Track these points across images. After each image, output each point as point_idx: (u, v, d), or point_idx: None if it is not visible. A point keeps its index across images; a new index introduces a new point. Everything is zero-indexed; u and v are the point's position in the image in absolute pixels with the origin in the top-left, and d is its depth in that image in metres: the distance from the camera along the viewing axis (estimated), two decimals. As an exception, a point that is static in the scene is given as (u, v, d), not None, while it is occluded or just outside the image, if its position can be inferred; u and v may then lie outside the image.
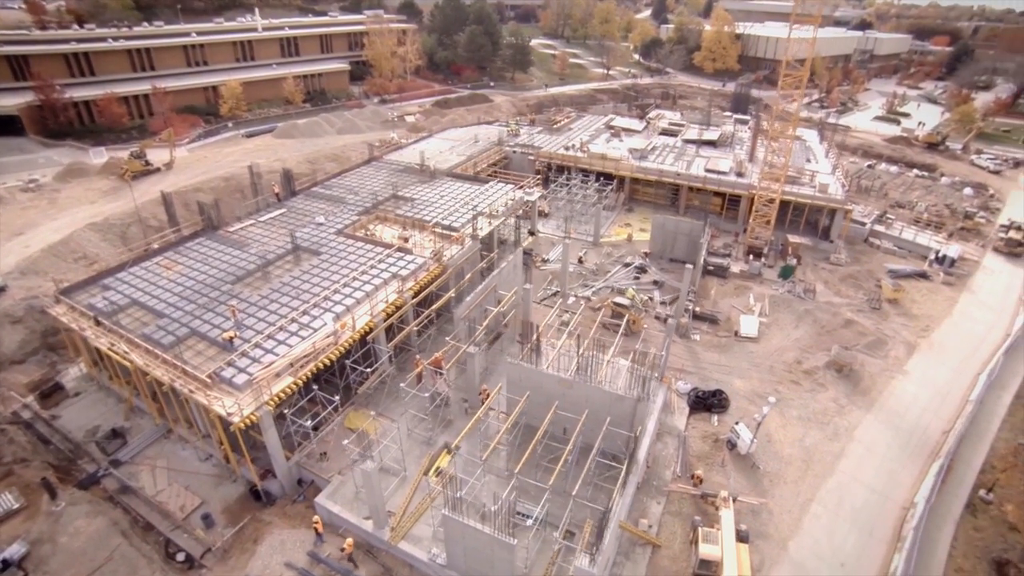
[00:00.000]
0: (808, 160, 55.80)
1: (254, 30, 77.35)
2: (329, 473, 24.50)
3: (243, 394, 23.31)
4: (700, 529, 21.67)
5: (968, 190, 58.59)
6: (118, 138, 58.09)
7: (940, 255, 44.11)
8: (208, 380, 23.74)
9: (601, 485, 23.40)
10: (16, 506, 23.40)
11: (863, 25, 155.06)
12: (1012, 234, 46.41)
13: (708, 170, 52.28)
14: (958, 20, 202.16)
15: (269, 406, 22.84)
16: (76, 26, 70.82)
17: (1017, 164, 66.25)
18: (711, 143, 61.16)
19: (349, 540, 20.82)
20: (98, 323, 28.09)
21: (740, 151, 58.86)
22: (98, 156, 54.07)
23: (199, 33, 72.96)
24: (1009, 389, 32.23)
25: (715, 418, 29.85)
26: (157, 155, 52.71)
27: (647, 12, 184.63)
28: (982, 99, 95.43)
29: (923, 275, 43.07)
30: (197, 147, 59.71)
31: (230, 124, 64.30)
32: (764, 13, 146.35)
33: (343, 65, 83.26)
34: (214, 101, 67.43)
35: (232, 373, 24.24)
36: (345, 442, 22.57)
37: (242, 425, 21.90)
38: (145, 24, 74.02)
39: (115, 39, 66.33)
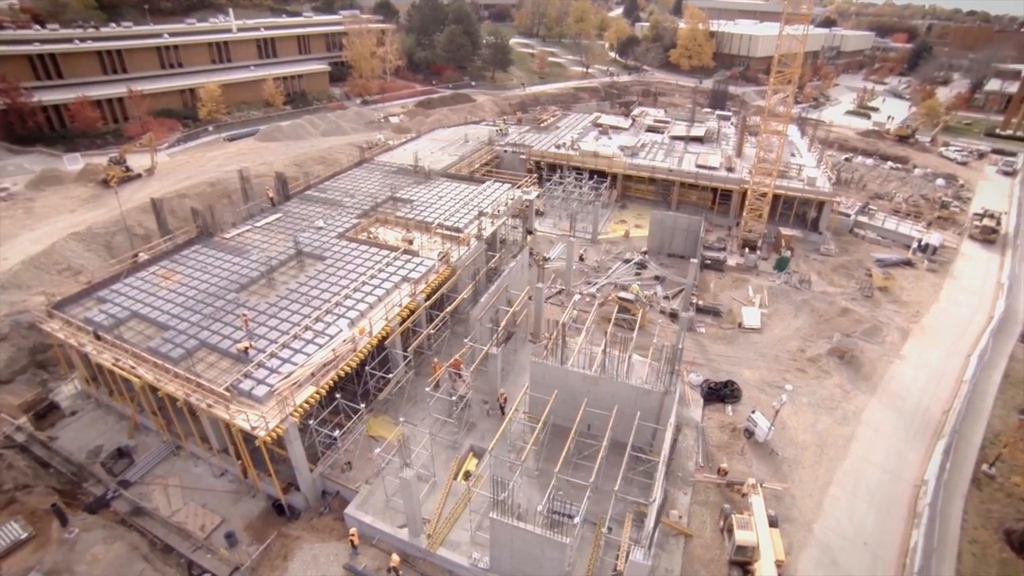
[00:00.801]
0: (792, 155, 57.44)
1: (229, 31, 74.88)
2: (356, 483, 24.00)
3: (265, 406, 22.64)
4: (734, 517, 22.10)
5: (940, 181, 61.39)
6: (92, 143, 55.44)
7: (923, 243, 46.09)
8: (226, 393, 22.93)
9: (632, 478, 23.62)
10: (24, 535, 22.14)
11: (828, 23, 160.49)
12: (986, 222, 48.85)
13: (699, 166, 53.29)
14: (912, 18, 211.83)
15: (294, 417, 22.22)
16: (37, 26, 67.13)
17: (981, 155, 69.76)
18: (698, 139, 62.34)
19: (395, 556, 20.36)
20: (98, 338, 26.82)
21: (727, 147, 60.19)
22: (73, 163, 51.52)
23: (172, 34, 70.21)
24: (998, 369, 33.91)
25: (729, 408, 30.49)
26: (137, 160, 50.59)
27: (619, 10, 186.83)
28: (942, 94, 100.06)
29: (908, 263, 44.94)
30: (177, 152, 57.58)
31: (210, 128, 62.18)
32: (736, 11, 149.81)
33: (323, 66, 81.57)
34: (191, 104, 65.04)
35: (251, 385, 23.48)
36: (377, 451, 22.16)
37: (268, 439, 21.25)
38: (112, 25, 70.75)
39: (82, 40, 63.20)
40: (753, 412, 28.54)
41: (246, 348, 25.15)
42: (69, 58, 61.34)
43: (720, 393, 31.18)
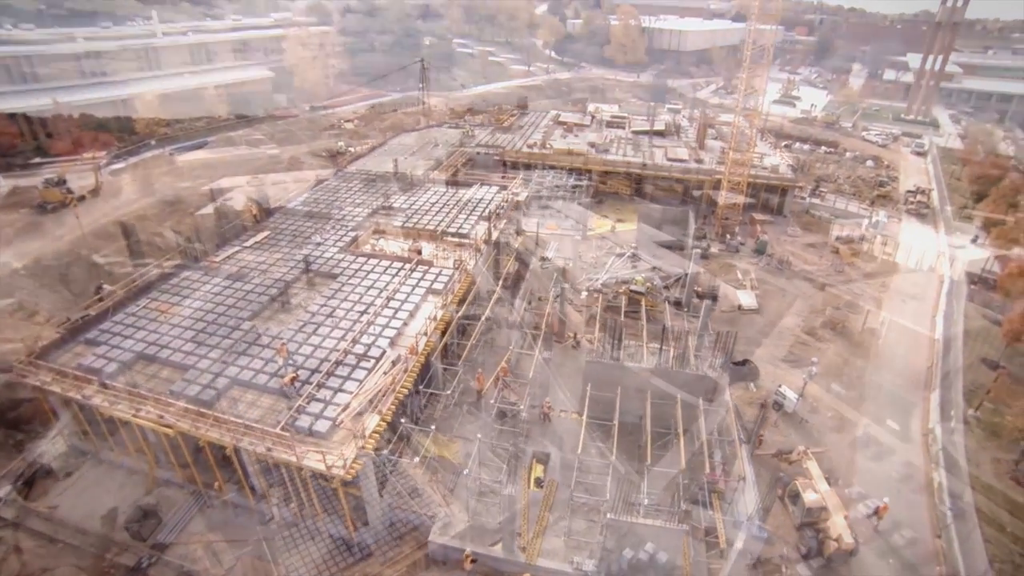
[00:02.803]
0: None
1: (153, 36, 67.89)
2: (428, 508, 23.09)
3: (330, 442, 21.21)
4: (798, 483, 23.70)
5: (869, 162, 68.50)
6: (11, 164, 48.39)
7: (873, 220, 51.30)
8: (284, 434, 21.14)
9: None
10: (63, 623, 19.25)
11: (739, 17, 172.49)
12: (919, 198, 55.25)
13: (670, 159, 55.81)
14: (805, 13, 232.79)
15: (368, 449, 20.99)
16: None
17: (896, 138, 78.53)
18: (660, 133, 65.16)
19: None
20: (105, 387, 23.72)
21: (687, 139, 63.41)
22: (-5, 187, 44.77)
23: (86, 38, 62.57)
24: (959, 326, 38.59)
25: (751, 385, 32.49)
26: (76, 181, 44.81)
27: (543, 7, 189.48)
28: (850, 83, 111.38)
29: (864, 239, 49.79)
30: (118, 169, 51.66)
31: (152, 142, 56.33)
32: (659, 8, 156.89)
33: (265, 72, 76.40)
34: (125, 116, 58.49)
35: (309, 421, 21.85)
36: (464, 472, 21.49)
37: (348, 477, 19.92)
38: (8, 27, 61.79)
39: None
40: (780, 386, 30.64)
41: (292, 379, 23.34)
42: (-36, 67, 53.01)
43: (740, 372, 33.11)
